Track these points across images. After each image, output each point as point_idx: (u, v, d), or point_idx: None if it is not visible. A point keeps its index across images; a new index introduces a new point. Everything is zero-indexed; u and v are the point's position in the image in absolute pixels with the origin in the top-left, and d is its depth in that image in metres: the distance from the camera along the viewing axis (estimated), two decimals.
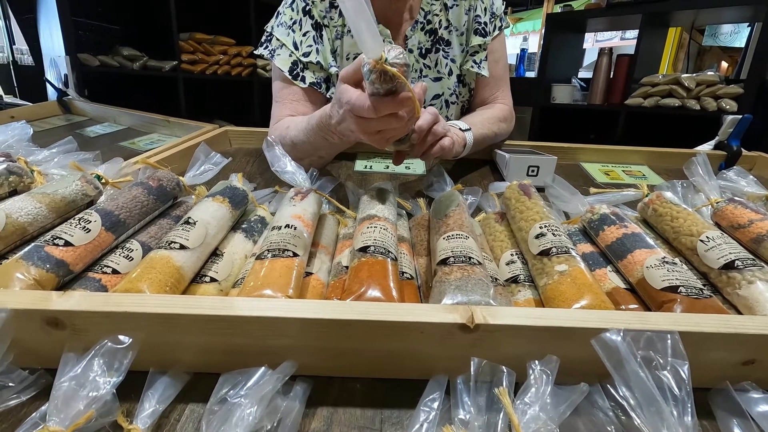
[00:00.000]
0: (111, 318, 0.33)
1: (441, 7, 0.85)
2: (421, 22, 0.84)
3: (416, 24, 0.84)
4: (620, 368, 0.30)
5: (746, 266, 0.43)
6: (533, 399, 0.30)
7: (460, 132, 0.73)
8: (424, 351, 0.35)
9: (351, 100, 0.49)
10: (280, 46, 0.82)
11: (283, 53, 0.82)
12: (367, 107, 0.47)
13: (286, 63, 0.81)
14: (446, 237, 0.45)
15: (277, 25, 0.83)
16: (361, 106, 0.47)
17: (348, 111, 0.50)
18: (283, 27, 0.82)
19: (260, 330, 0.34)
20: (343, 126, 0.55)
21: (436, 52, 0.87)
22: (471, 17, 0.86)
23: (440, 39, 0.86)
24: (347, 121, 0.52)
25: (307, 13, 0.82)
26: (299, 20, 0.82)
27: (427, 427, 0.31)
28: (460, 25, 0.86)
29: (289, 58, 0.81)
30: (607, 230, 0.50)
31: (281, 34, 0.82)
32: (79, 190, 0.51)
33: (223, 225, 0.48)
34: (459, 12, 0.85)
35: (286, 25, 0.82)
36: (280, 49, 0.82)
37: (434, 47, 0.86)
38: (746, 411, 0.33)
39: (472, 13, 0.85)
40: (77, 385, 0.30)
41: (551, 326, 0.34)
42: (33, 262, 0.38)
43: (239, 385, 0.31)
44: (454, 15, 0.85)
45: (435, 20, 0.85)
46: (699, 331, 0.34)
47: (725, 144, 0.89)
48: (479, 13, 0.85)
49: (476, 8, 0.85)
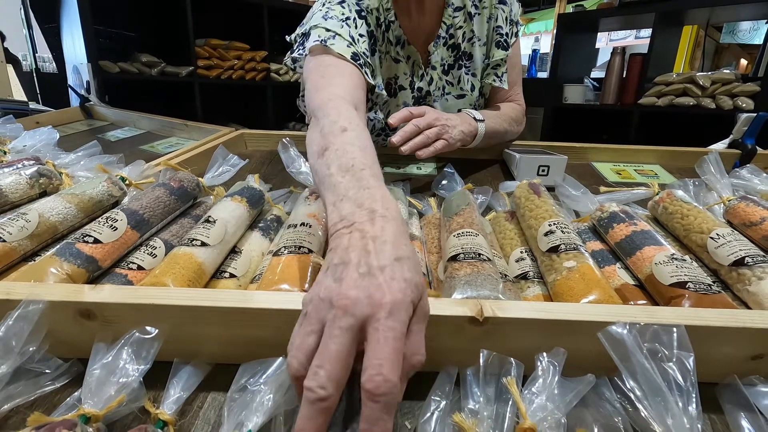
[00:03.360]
0: (139, 310, 0.35)
1: (464, 18, 0.82)
2: (443, 37, 0.82)
3: (438, 39, 0.82)
4: (626, 360, 0.31)
5: (756, 263, 0.43)
6: (540, 389, 0.31)
7: (473, 122, 0.75)
8: (434, 344, 0.37)
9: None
10: (333, 36, 0.68)
11: (339, 43, 0.67)
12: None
13: (346, 51, 0.67)
14: (456, 234, 0.47)
15: (324, 18, 0.71)
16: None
17: None
18: (335, 20, 0.70)
19: (278, 322, 0.35)
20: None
21: (459, 69, 0.85)
22: (492, 27, 0.83)
23: (463, 54, 0.84)
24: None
25: (363, 18, 0.74)
26: (354, 18, 0.73)
27: (438, 416, 0.32)
28: (483, 35, 0.83)
29: (349, 48, 0.67)
30: (617, 228, 0.50)
31: (333, 25, 0.69)
32: (106, 191, 0.54)
33: (241, 223, 0.49)
34: (481, 21, 0.82)
35: (338, 19, 0.71)
36: (333, 39, 0.67)
37: (456, 63, 0.85)
38: (754, 404, 0.33)
39: (493, 23, 0.83)
40: (108, 372, 0.32)
41: (559, 320, 0.35)
42: (65, 258, 0.40)
43: (258, 374, 0.33)
44: (477, 25, 0.82)
45: (458, 34, 0.82)
46: (706, 325, 0.34)
47: (740, 142, 0.88)
48: (500, 23, 0.82)
49: (497, 17, 0.82)
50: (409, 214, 0.59)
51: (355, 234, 0.31)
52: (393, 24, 0.78)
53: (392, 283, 0.27)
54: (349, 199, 0.35)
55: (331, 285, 0.28)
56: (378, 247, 0.29)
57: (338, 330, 0.25)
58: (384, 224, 0.32)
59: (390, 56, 0.81)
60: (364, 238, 0.30)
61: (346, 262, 0.29)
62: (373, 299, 0.26)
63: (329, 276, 0.29)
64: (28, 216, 0.46)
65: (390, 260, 0.28)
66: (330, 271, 0.29)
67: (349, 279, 0.27)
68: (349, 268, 0.28)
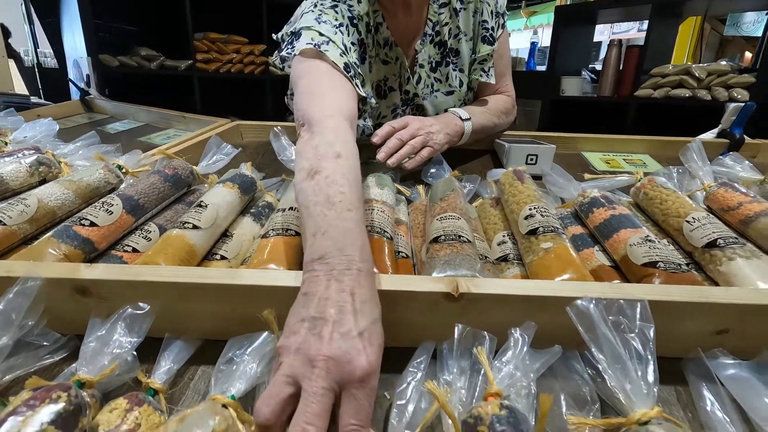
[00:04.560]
0: (132, 287, 0.37)
1: (450, 14, 0.82)
2: (430, 35, 0.82)
3: (425, 37, 0.82)
4: (592, 332, 0.32)
5: (728, 244, 0.45)
6: (509, 359, 0.33)
7: (459, 121, 0.76)
8: (413, 320, 0.38)
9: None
10: (327, 41, 0.66)
11: (333, 50, 0.66)
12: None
13: (339, 60, 0.65)
14: (439, 218, 0.48)
15: (317, 21, 0.69)
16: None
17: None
18: (328, 25, 0.69)
19: (264, 298, 0.37)
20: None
21: (446, 65, 0.85)
22: (478, 21, 0.83)
23: (450, 51, 0.84)
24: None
25: (355, 26, 0.74)
26: (347, 25, 0.72)
27: (414, 385, 0.34)
28: (468, 30, 0.84)
29: (342, 57, 0.66)
30: (596, 212, 0.52)
31: (327, 30, 0.68)
32: (102, 178, 0.55)
33: (232, 208, 0.51)
34: (467, 16, 0.82)
35: (332, 24, 0.70)
36: (327, 45, 0.66)
37: (444, 60, 0.85)
38: (715, 375, 0.35)
39: (479, 17, 0.83)
40: (103, 344, 0.34)
41: (531, 295, 0.36)
42: (63, 239, 0.42)
43: (244, 347, 0.35)
44: (463, 20, 0.82)
45: (444, 31, 0.82)
46: (671, 300, 0.36)
47: (728, 132, 0.89)
48: (486, 18, 0.82)
49: (482, 12, 0.82)
50: (397, 201, 0.60)
51: (333, 284, 0.32)
52: (381, 26, 0.78)
53: (370, 349, 0.29)
54: (330, 238, 0.35)
55: (310, 339, 0.28)
56: (358, 306, 0.31)
57: (321, 390, 0.27)
58: (361, 280, 0.33)
59: (379, 59, 0.82)
60: (343, 291, 0.31)
61: (325, 318, 0.29)
62: (354, 364, 0.28)
63: (306, 328, 0.29)
64: (27, 201, 0.47)
65: (369, 323, 0.30)
66: (307, 323, 0.30)
67: (329, 337, 0.28)
68: (328, 324, 0.29)
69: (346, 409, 0.27)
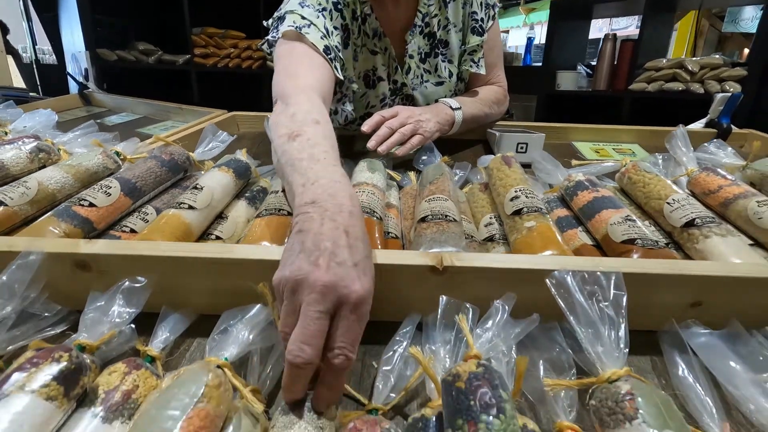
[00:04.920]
0: (129, 261, 0.38)
1: (439, 5, 0.82)
2: (419, 26, 0.82)
3: (415, 28, 0.82)
4: (568, 301, 0.34)
5: (704, 223, 0.46)
6: (489, 326, 0.34)
7: (449, 110, 0.78)
8: (399, 294, 0.40)
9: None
10: (308, 24, 0.68)
11: (314, 33, 0.68)
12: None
13: (319, 43, 0.67)
14: (428, 200, 0.50)
15: (301, 5, 0.71)
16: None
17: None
18: (311, 9, 0.71)
19: (257, 272, 0.38)
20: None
21: (435, 56, 0.86)
22: (467, 12, 0.84)
23: (439, 42, 0.85)
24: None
25: (339, 11, 0.75)
26: (330, 9, 0.73)
27: (400, 353, 0.35)
28: (458, 20, 0.85)
29: (322, 40, 0.68)
30: (580, 195, 0.54)
31: (309, 14, 0.70)
32: (101, 163, 0.57)
33: (227, 192, 0.53)
34: (456, 7, 0.83)
35: (314, 8, 0.71)
36: (309, 27, 0.68)
37: (433, 51, 0.86)
38: (687, 344, 0.37)
39: (468, 8, 0.84)
40: (102, 313, 0.35)
41: (512, 268, 0.38)
42: (63, 218, 0.44)
43: (238, 318, 0.36)
44: (452, 11, 0.83)
45: (433, 22, 0.83)
46: (645, 272, 0.38)
47: (716, 122, 0.91)
48: (475, 9, 0.83)
49: (472, 3, 0.83)
50: (389, 186, 0.62)
51: (327, 223, 0.33)
52: (369, 17, 0.79)
53: (364, 278, 0.31)
54: (321, 186, 0.37)
55: (307, 268, 0.30)
56: (352, 242, 0.32)
57: (317, 313, 0.28)
58: (354, 221, 0.34)
59: (367, 48, 0.83)
60: (337, 229, 0.32)
61: (321, 249, 0.30)
62: (351, 289, 0.29)
63: (303, 258, 0.30)
64: (28, 183, 0.49)
65: (363, 257, 0.32)
66: (304, 255, 0.31)
67: (326, 266, 0.29)
68: (324, 255, 0.30)
69: (338, 330, 0.29)
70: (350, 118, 0.84)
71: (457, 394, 0.27)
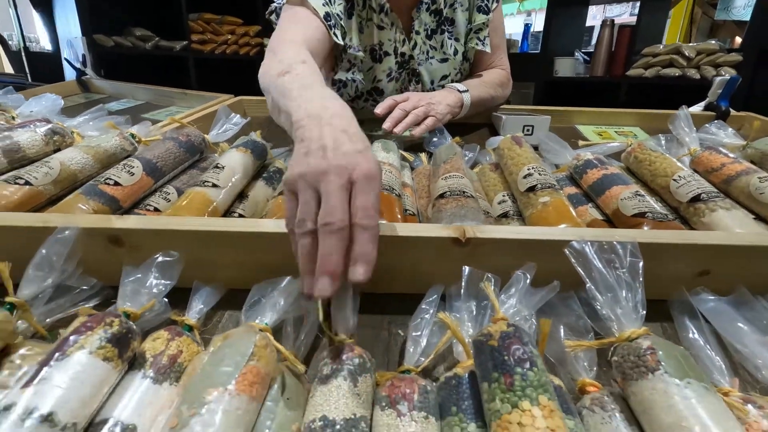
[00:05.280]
0: (160, 235, 0.40)
1: None
2: (426, 3, 0.84)
3: (422, 5, 0.84)
4: (587, 268, 0.36)
5: (710, 198, 0.48)
6: (512, 293, 0.36)
7: (457, 93, 0.79)
8: (424, 266, 0.42)
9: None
10: None
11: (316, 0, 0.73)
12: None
13: (321, 9, 0.72)
14: (444, 177, 0.51)
15: None
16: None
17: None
18: None
19: (284, 246, 0.40)
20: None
21: (441, 33, 0.88)
22: None
23: (445, 19, 0.87)
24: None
25: None
26: None
27: (427, 319, 0.37)
28: (464, 0, 0.87)
29: (324, 7, 0.73)
30: (590, 173, 0.55)
31: None
32: (118, 144, 0.58)
33: (247, 171, 0.54)
34: None
35: None
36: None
37: (439, 28, 0.88)
38: (697, 309, 0.39)
39: None
40: (139, 284, 0.37)
41: (531, 239, 0.40)
42: (90, 196, 0.44)
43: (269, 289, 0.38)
44: None
45: (440, 0, 0.85)
46: (657, 242, 0.40)
47: (715, 105, 0.93)
48: None
49: None
50: (402, 167, 0.63)
51: (326, 128, 0.36)
52: None
53: (370, 158, 0.34)
54: (314, 104, 0.41)
55: (320, 161, 0.33)
56: (351, 137, 0.36)
57: (337, 188, 0.31)
58: (349, 122, 0.38)
59: (373, 23, 0.84)
60: (335, 131, 0.36)
61: (325, 145, 0.34)
62: (362, 166, 0.33)
63: (312, 155, 0.34)
64: (50, 164, 0.50)
65: (364, 146, 0.35)
66: (312, 153, 0.34)
67: (333, 155, 0.33)
68: (329, 148, 0.34)
69: (357, 199, 0.32)
70: (360, 88, 0.86)
71: (491, 351, 0.29)
